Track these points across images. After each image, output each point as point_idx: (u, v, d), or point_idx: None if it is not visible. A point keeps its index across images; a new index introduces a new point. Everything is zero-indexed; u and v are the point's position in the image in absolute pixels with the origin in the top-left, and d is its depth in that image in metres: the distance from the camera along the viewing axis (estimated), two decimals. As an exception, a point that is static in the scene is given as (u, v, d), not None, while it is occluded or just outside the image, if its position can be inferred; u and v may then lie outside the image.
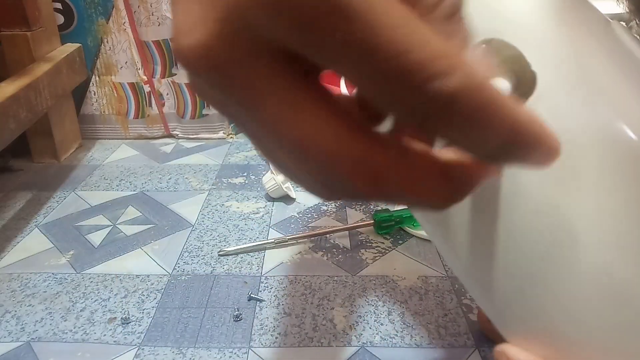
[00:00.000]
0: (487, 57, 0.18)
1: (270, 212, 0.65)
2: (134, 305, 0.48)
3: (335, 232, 0.59)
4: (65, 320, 0.47)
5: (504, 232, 0.24)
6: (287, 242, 0.58)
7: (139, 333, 0.45)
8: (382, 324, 0.46)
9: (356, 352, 0.43)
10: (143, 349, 0.43)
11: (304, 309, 0.48)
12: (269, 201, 0.67)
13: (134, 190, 0.71)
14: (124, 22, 0.82)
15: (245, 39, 0.12)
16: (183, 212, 0.65)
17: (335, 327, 0.45)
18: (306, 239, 0.58)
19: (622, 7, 0.35)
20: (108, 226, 0.62)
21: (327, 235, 0.59)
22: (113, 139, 0.89)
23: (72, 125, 0.84)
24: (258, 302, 0.49)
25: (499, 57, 0.18)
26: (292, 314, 0.47)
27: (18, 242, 0.59)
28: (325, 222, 0.63)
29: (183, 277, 0.52)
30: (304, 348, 0.43)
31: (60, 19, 0.81)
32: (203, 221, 0.63)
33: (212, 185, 0.72)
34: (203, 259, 0.55)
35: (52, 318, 0.47)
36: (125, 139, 0.89)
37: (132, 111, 0.88)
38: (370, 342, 0.44)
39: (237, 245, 0.57)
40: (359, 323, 0.46)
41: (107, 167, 0.79)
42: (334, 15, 0.10)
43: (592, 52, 0.24)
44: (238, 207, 0.66)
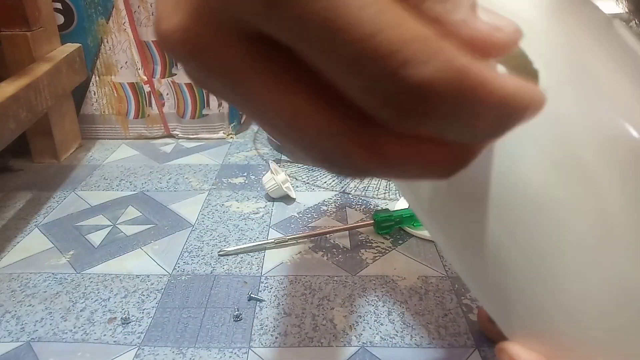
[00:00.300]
0: None
1: (270, 212, 0.65)
2: (134, 305, 0.48)
3: (335, 232, 0.59)
4: (65, 320, 0.47)
5: (505, 229, 0.24)
6: (287, 242, 0.58)
7: (139, 333, 0.45)
8: (382, 324, 0.46)
9: (356, 352, 0.43)
10: (143, 349, 0.43)
11: (304, 309, 0.48)
12: (269, 201, 0.67)
13: (134, 190, 0.71)
14: (124, 22, 0.82)
15: (222, 22, 0.11)
16: (183, 212, 0.65)
17: (335, 327, 0.46)
18: (306, 239, 0.58)
19: (622, 7, 0.35)
20: (108, 226, 0.62)
21: (327, 235, 0.59)
22: (113, 139, 0.89)
23: (72, 125, 0.84)
24: (258, 302, 0.49)
25: None
26: (292, 314, 0.47)
27: (18, 242, 0.59)
28: (325, 222, 0.63)
29: (183, 277, 0.52)
30: (304, 348, 0.43)
31: (60, 19, 0.81)
32: (203, 221, 0.63)
33: (212, 185, 0.72)
34: (203, 259, 0.55)
35: (52, 318, 0.47)
36: (125, 139, 0.89)
37: (132, 111, 0.88)
38: (370, 342, 0.44)
39: (237, 245, 0.57)
40: (359, 323, 0.46)
41: (107, 167, 0.79)
42: None
43: (595, 50, 0.24)
44: (238, 207, 0.66)
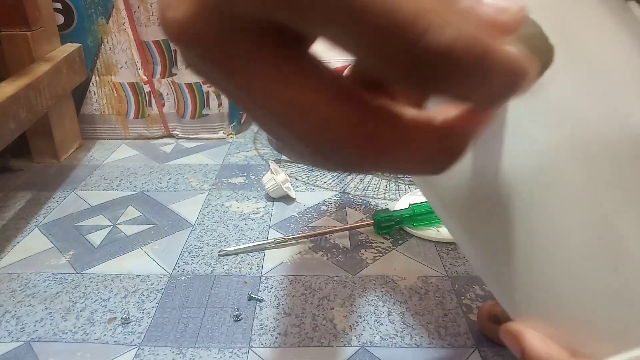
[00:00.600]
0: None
1: (270, 212, 0.65)
2: (134, 305, 0.48)
3: (335, 232, 0.59)
4: (65, 320, 0.47)
5: (519, 218, 0.24)
6: (287, 242, 0.58)
7: (139, 333, 0.45)
8: (382, 324, 0.46)
9: (356, 352, 0.43)
10: (143, 349, 0.43)
11: (304, 309, 0.48)
12: (269, 201, 0.67)
13: (134, 190, 0.71)
14: (124, 22, 0.82)
15: (228, 13, 0.12)
16: (183, 212, 0.65)
17: (335, 327, 0.45)
18: (306, 239, 0.58)
19: None
20: (108, 226, 0.62)
21: (327, 235, 0.59)
22: (113, 139, 0.89)
23: (72, 125, 0.84)
24: (258, 302, 0.49)
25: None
26: (292, 314, 0.47)
27: (18, 242, 0.59)
28: (325, 222, 0.63)
29: (183, 277, 0.52)
30: (304, 348, 0.43)
31: (60, 19, 0.81)
32: (203, 221, 0.63)
33: (212, 185, 0.72)
34: (203, 259, 0.55)
35: (52, 318, 0.47)
36: (125, 139, 0.89)
37: (132, 111, 0.88)
38: (370, 342, 0.44)
39: (237, 245, 0.57)
40: (359, 323, 0.46)
41: (107, 167, 0.79)
42: None
43: (611, 34, 0.23)
44: (238, 207, 0.66)
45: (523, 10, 0.13)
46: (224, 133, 0.89)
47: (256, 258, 0.55)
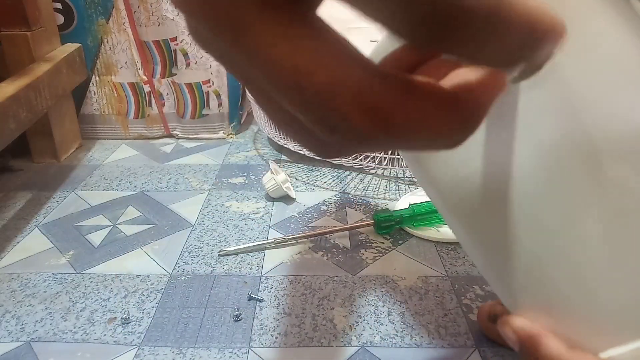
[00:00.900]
0: None
1: (270, 212, 0.65)
2: (134, 305, 0.48)
3: (335, 232, 0.59)
4: (65, 320, 0.47)
5: (516, 209, 0.24)
6: (287, 242, 0.58)
7: (139, 333, 0.45)
8: (382, 324, 0.46)
9: (356, 352, 0.43)
10: (143, 349, 0.43)
11: (304, 309, 0.48)
12: (269, 201, 0.67)
13: (134, 190, 0.71)
14: (124, 22, 0.82)
15: None
16: (183, 212, 0.65)
17: (335, 327, 0.45)
18: (306, 239, 0.58)
19: None
20: (108, 226, 0.62)
21: (327, 235, 0.59)
22: (113, 139, 0.89)
23: (72, 125, 0.84)
24: (258, 302, 0.49)
25: None
26: (292, 314, 0.47)
27: (18, 242, 0.59)
28: (325, 222, 0.63)
29: (183, 277, 0.52)
30: (304, 348, 0.43)
31: (60, 19, 0.81)
32: (203, 221, 0.63)
33: (212, 185, 0.72)
34: (203, 259, 0.55)
35: (52, 318, 0.47)
36: (125, 139, 0.89)
37: (132, 111, 0.88)
38: (370, 342, 0.44)
39: (237, 245, 0.57)
40: (359, 323, 0.46)
41: (107, 167, 0.79)
42: None
43: (614, 28, 0.23)
44: (238, 207, 0.66)
45: None
46: (224, 133, 0.89)
47: (256, 258, 0.55)
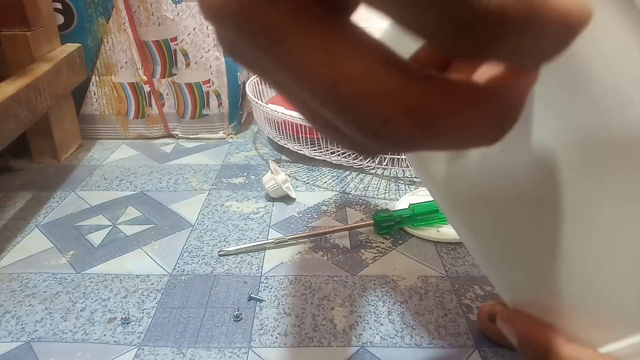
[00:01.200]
0: None
1: (270, 212, 0.65)
2: (134, 305, 0.48)
3: (335, 232, 0.59)
4: (65, 320, 0.47)
5: (518, 207, 0.24)
6: (287, 242, 0.58)
7: (139, 333, 0.45)
8: (382, 324, 0.46)
9: (356, 352, 0.43)
10: (143, 349, 0.43)
11: (304, 309, 0.48)
12: (269, 201, 0.67)
13: (134, 190, 0.71)
14: (124, 22, 0.82)
15: None
16: (183, 212, 0.65)
17: (335, 327, 0.45)
18: (306, 239, 0.58)
19: None
20: (108, 226, 0.62)
21: (327, 235, 0.59)
22: (113, 139, 0.89)
23: (72, 125, 0.84)
24: (258, 302, 0.49)
25: None
26: (292, 314, 0.47)
27: (18, 242, 0.59)
28: (325, 222, 0.63)
29: (183, 277, 0.52)
30: (304, 348, 0.43)
31: (60, 19, 0.81)
32: (203, 221, 0.63)
33: (212, 185, 0.72)
34: (203, 259, 0.55)
35: (52, 318, 0.47)
36: (125, 139, 0.89)
37: (132, 111, 0.88)
38: (370, 342, 0.44)
39: (237, 245, 0.57)
40: (359, 323, 0.46)
41: (107, 167, 0.79)
42: None
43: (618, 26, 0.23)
44: (238, 207, 0.66)
45: None
46: (224, 133, 0.89)
47: (256, 258, 0.55)
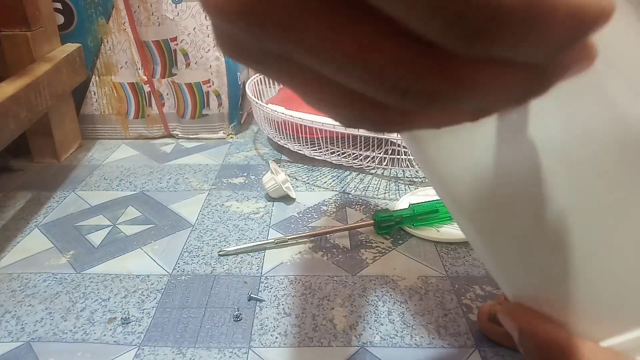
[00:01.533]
0: None
1: (270, 212, 0.65)
2: (134, 305, 0.48)
3: (335, 232, 0.59)
4: (65, 320, 0.47)
5: (524, 206, 0.24)
6: (287, 242, 0.58)
7: (139, 333, 0.45)
8: (382, 324, 0.46)
9: (356, 352, 0.43)
10: (143, 349, 0.43)
11: (304, 309, 0.48)
12: (269, 201, 0.67)
13: (134, 190, 0.71)
14: (124, 22, 0.82)
15: None
16: (183, 212, 0.65)
17: (335, 327, 0.45)
18: (306, 239, 0.58)
19: None
20: (108, 226, 0.62)
21: (327, 235, 0.59)
22: (113, 139, 0.89)
23: (72, 125, 0.84)
24: (258, 302, 0.49)
25: None
26: (292, 314, 0.47)
27: (18, 242, 0.59)
28: (325, 222, 0.63)
29: (183, 277, 0.52)
30: (304, 348, 0.43)
31: (60, 19, 0.81)
32: (203, 221, 0.63)
33: (212, 185, 0.72)
34: (203, 259, 0.55)
35: (52, 318, 0.47)
36: (125, 139, 0.89)
37: (132, 111, 0.88)
38: (370, 342, 0.44)
39: (237, 245, 0.57)
40: (359, 323, 0.46)
41: (107, 167, 0.79)
42: None
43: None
44: (238, 207, 0.66)
45: None
46: (224, 133, 0.89)
47: (256, 258, 0.55)
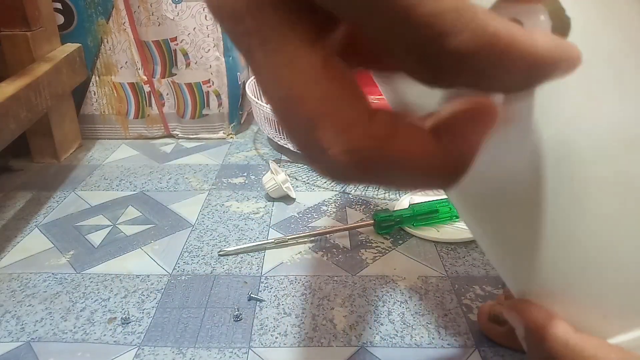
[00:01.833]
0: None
1: (270, 212, 0.65)
2: (134, 305, 0.48)
3: (335, 232, 0.59)
4: (65, 320, 0.47)
5: (531, 201, 0.24)
6: (287, 242, 0.58)
7: (139, 333, 0.45)
8: (382, 324, 0.46)
9: (356, 352, 0.43)
10: (143, 349, 0.43)
11: (304, 309, 0.48)
12: (269, 201, 0.67)
13: (134, 190, 0.71)
14: (124, 22, 0.82)
15: None
16: (183, 212, 0.65)
17: (335, 327, 0.45)
18: (306, 239, 0.58)
19: None
20: (108, 226, 0.62)
21: (327, 235, 0.59)
22: (113, 139, 0.89)
23: (72, 125, 0.84)
24: (258, 302, 0.49)
25: None
26: (292, 314, 0.47)
27: (18, 242, 0.59)
28: (325, 222, 0.63)
29: (183, 277, 0.52)
30: (304, 348, 0.43)
31: (60, 19, 0.81)
32: (203, 221, 0.63)
33: (212, 185, 0.72)
34: (203, 259, 0.55)
35: (52, 318, 0.47)
36: (125, 139, 0.89)
37: (132, 111, 0.88)
38: (370, 342, 0.44)
39: (237, 245, 0.57)
40: (359, 323, 0.46)
41: (107, 167, 0.79)
42: None
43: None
44: (238, 207, 0.66)
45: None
46: (224, 133, 0.89)
47: (256, 258, 0.55)
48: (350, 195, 0.69)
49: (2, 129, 0.59)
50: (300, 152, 0.13)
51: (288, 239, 0.57)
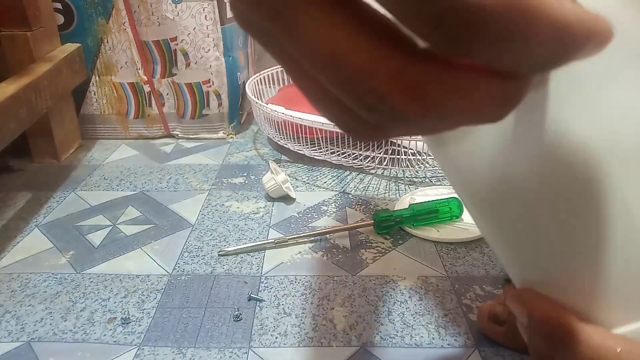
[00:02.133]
0: None
1: (270, 212, 0.65)
2: (134, 305, 0.48)
3: (335, 232, 0.59)
4: (65, 320, 0.47)
5: (539, 197, 0.24)
6: (287, 242, 0.58)
7: (139, 333, 0.45)
8: (382, 324, 0.46)
9: (356, 352, 0.43)
10: (143, 349, 0.43)
11: (304, 309, 0.48)
12: (269, 201, 0.67)
13: (134, 190, 0.71)
14: (124, 22, 0.82)
15: None
16: (183, 212, 0.65)
17: (335, 327, 0.45)
18: (306, 239, 0.58)
19: None
20: (108, 226, 0.62)
21: (327, 235, 0.59)
22: (113, 139, 0.89)
23: (72, 125, 0.84)
24: (258, 302, 0.49)
25: None
26: (292, 314, 0.47)
27: (18, 242, 0.59)
28: (325, 222, 0.63)
29: (183, 277, 0.52)
30: (304, 348, 0.43)
31: (60, 19, 0.81)
32: (203, 221, 0.63)
33: (212, 185, 0.72)
34: (203, 259, 0.55)
35: (52, 318, 0.47)
36: (125, 139, 0.89)
37: (132, 111, 0.88)
38: (370, 342, 0.44)
39: (237, 245, 0.57)
40: (359, 323, 0.46)
41: (107, 167, 0.79)
42: None
43: None
44: (238, 207, 0.66)
45: None
46: (224, 133, 0.89)
47: (256, 258, 0.55)
48: (350, 195, 0.69)
49: (2, 129, 0.59)
50: (356, 106, 0.13)
51: (288, 239, 0.57)
